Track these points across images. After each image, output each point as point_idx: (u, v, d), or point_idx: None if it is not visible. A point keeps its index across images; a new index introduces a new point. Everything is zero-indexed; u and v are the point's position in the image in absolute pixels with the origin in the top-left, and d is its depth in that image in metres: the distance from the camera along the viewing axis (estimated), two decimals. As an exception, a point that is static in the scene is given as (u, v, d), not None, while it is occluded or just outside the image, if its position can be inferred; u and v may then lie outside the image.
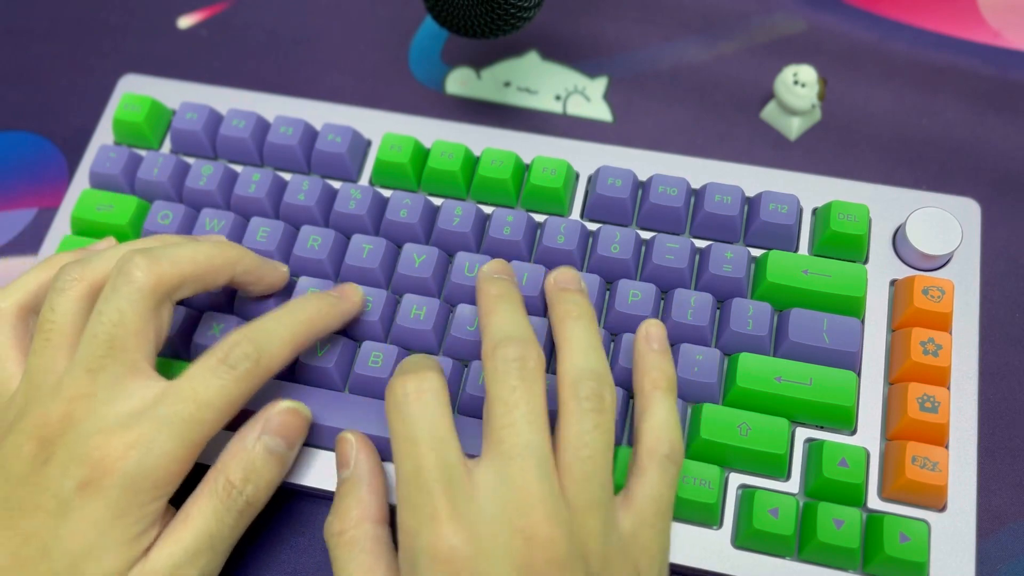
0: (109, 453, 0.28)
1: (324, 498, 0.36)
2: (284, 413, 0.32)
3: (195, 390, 0.29)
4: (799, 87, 0.41)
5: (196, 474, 0.31)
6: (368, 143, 0.40)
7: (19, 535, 0.28)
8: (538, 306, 0.35)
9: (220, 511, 0.30)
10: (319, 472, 0.34)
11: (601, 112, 0.44)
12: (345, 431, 0.33)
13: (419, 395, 0.28)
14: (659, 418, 0.30)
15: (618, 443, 0.33)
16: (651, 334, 0.33)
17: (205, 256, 0.32)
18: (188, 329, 0.36)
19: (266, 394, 0.34)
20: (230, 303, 0.37)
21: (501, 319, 0.31)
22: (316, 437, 0.34)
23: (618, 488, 0.31)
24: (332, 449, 0.34)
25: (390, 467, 0.33)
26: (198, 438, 0.29)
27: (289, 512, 0.36)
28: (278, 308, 0.32)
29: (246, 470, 0.30)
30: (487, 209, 0.39)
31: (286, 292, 0.37)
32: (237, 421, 0.32)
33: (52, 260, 0.34)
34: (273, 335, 0.31)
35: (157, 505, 0.29)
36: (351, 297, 0.35)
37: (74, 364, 0.29)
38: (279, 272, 0.35)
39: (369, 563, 0.29)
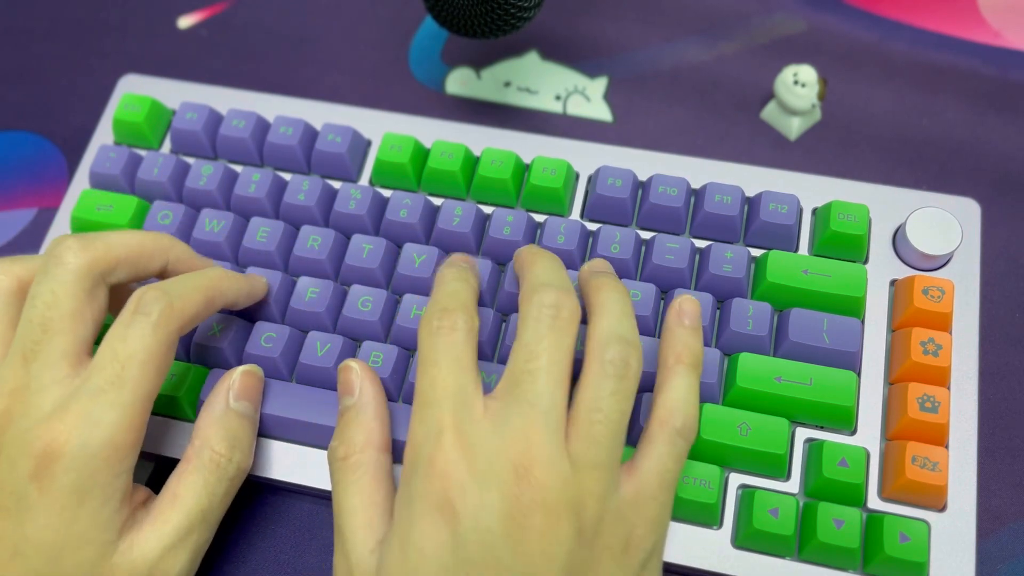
0: (54, 439, 0.27)
1: (323, 497, 0.36)
2: (243, 376, 0.33)
3: (114, 350, 0.28)
4: (799, 87, 0.41)
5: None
6: (368, 143, 0.40)
7: None
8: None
9: (211, 483, 0.30)
10: (319, 471, 0.34)
11: (601, 112, 0.44)
12: (349, 360, 0.33)
13: (452, 331, 0.29)
14: (678, 392, 0.30)
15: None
16: (684, 309, 0.32)
17: (137, 241, 0.31)
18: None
19: (272, 394, 0.34)
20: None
21: (541, 268, 0.31)
22: (316, 437, 0.34)
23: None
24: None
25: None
26: (136, 399, 0.28)
27: (289, 511, 0.36)
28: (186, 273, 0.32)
29: (228, 438, 0.31)
30: (487, 209, 0.39)
31: (286, 292, 0.37)
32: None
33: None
34: (183, 284, 0.31)
35: (120, 482, 0.28)
36: (255, 278, 0.35)
37: (11, 353, 0.29)
38: (208, 264, 0.35)
39: (371, 487, 0.29)
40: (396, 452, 0.33)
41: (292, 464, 0.34)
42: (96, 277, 0.30)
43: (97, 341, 0.33)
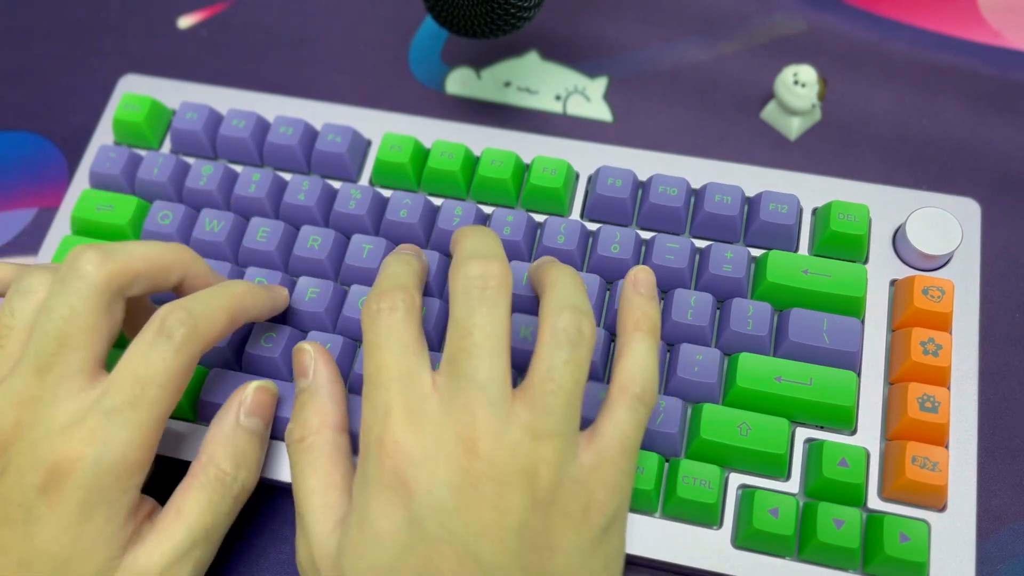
0: (65, 455, 0.27)
1: (324, 498, 0.36)
2: (256, 392, 0.32)
3: (135, 370, 0.28)
4: (799, 87, 0.41)
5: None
6: (368, 143, 0.40)
7: None
8: (533, 305, 0.35)
9: (215, 501, 0.30)
10: (319, 472, 0.34)
11: (601, 112, 0.44)
12: (303, 342, 0.33)
13: (391, 312, 0.29)
14: (637, 359, 0.30)
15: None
16: (639, 279, 0.32)
17: (156, 253, 0.31)
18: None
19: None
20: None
21: (471, 241, 0.31)
22: (316, 437, 0.34)
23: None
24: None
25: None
26: (150, 420, 0.28)
27: (289, 511, 0.36)
28: (209, 288, 0.32)
29: (235, 456, 0.31)
30: (487, 209, 0.39)
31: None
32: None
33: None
34: (207, 303, 0.30)
35: (128, 497, 0.28)
36: (277, 290, 0.35)
37: (23, 363, 0.29)
38: (222, 277, 0.35)
39: (327, 468, 0.29)
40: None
41: (292, 464, 0.34)
42: (115, 291, 0.30)
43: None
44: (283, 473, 0.34)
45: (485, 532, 0.26)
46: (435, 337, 0.35)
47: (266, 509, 0.36)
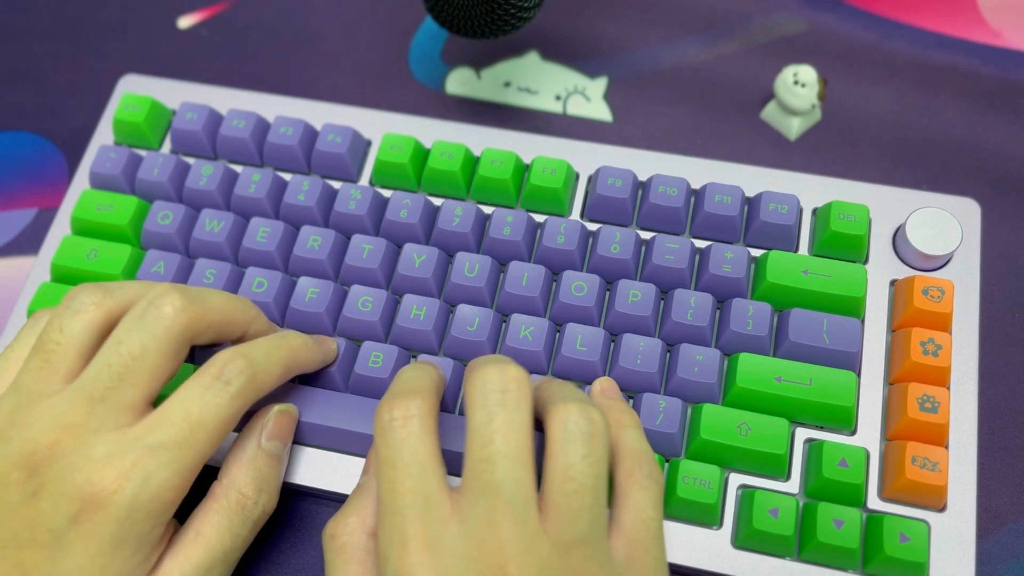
0: (103, 487, 0.27)
1: (323, 497, 0.36)
2: (278, 416, 0.32)
3: (188, 411, 0.28)
4: (799, 87, 0.41)
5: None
6: (368, 143, 0.40)
7: (17, 567, 0.27)
8: (537, 309, 0.35)
9: (236, 524, 0.30)
10: (319, 472, 0.34)
11: (601, 112, 0.44)
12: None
13: (405, 421, 0.27)
14: (632, 445, 0.30)
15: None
16: (604, 388, 0.33)
17: (231, 308, 0.31)
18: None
19: (272, 393, 0.34)
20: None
21: (484, 357, 0.30)
22: (316, 437, 0.34)
23: None
24: (333, 449, 0.34)
25: None
26: (193, 462, 0.28)
27: (289, 511, 0.36)
28: (266, 337, 0.32)
29: (257, 480, 0.30)
30: (487, 209, 0.39)
31: (286, 293, 0.37)
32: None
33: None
34: (267, 354, 0.30)
35: (157, 532, 0.28)
36: (329, 344, 0.35)
37: (76, 389, 0.28)
38: (292, 336, 0.34)
39: (356, 572, 0.28)
40: None
41: (292, 464, 0.34)
42: (187, 338, 0.29)
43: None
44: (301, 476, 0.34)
45: None
46: (434, 337, 0.35)
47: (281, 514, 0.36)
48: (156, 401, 0.30)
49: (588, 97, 0.44)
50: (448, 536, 0.25)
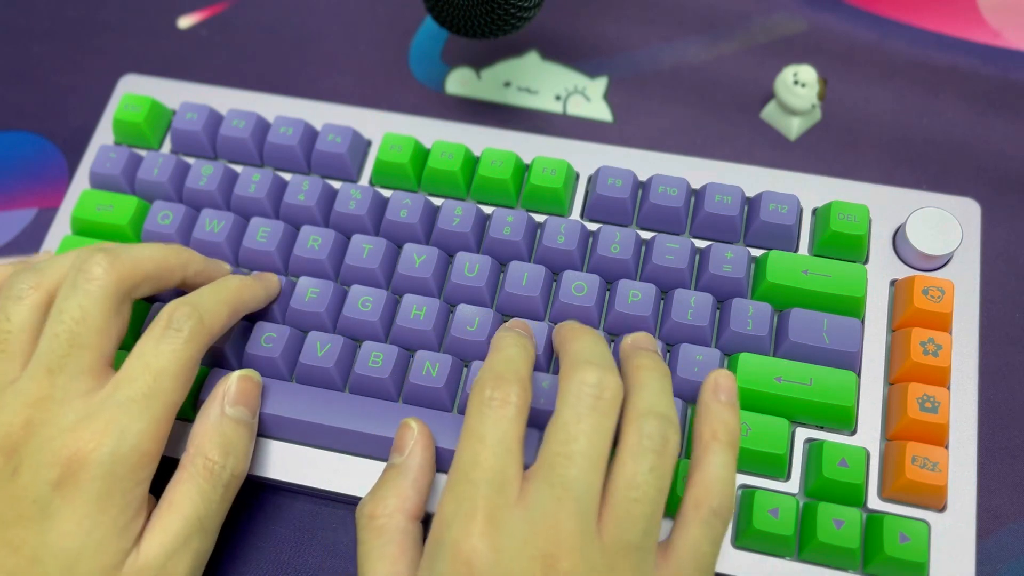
0: (80, 448, 0.28)
1: (324, 498, 0.36)
2: (239, 381, 0.33)
3: (147, 364, 0.29)
4: (799, 87, 0.41)
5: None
6: (368, 143, 0.40)
7: (7, 546, 0.27)
8: (537, 310, 0.35)
9: (206, 490, 0.30)
10: (319, 472, 0.34)
11: (601, 112, 0.44)
12: (411, 418, 0.32)
13: (503, 404, 0.28)
14: (714, 471, 0.28)
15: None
16: (720, 384, 0.31)
17: (162, 255, 0.32)
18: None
19: (276, 393, 0.34)
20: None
21: (584, 344, 0.30)
22: (316, 437, 0.34)
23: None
24: (333, 449, 0.34)
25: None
26: (164, 411, 0.29)
27: (289, 511, 0.36)
28: (208, 284, 0.33)
29: (223, 445, 0.31)
30: (487, 209, 0.39)
31: (286, 292, 0.37)
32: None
33: None
34: (210, 297, 0.32)
35: (139, 490, 0.29)
36: (270, 280, 0.36)
37: (33, 365, 0.29)
38: (223, 269, 0.36)
39: (394, 555, 0.29)
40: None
41: (292, 464, 0.34)
42: (124, 293, 0.30)
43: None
44: (279, 471, 0.34)
45: None
46: (434, 337, 0.35)
47: (266, 509, 0.36)
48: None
49: (588, 97, 0.44)
50: (512, 517, 0.26)
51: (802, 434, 0.34)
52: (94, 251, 0.30)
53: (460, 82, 0.45)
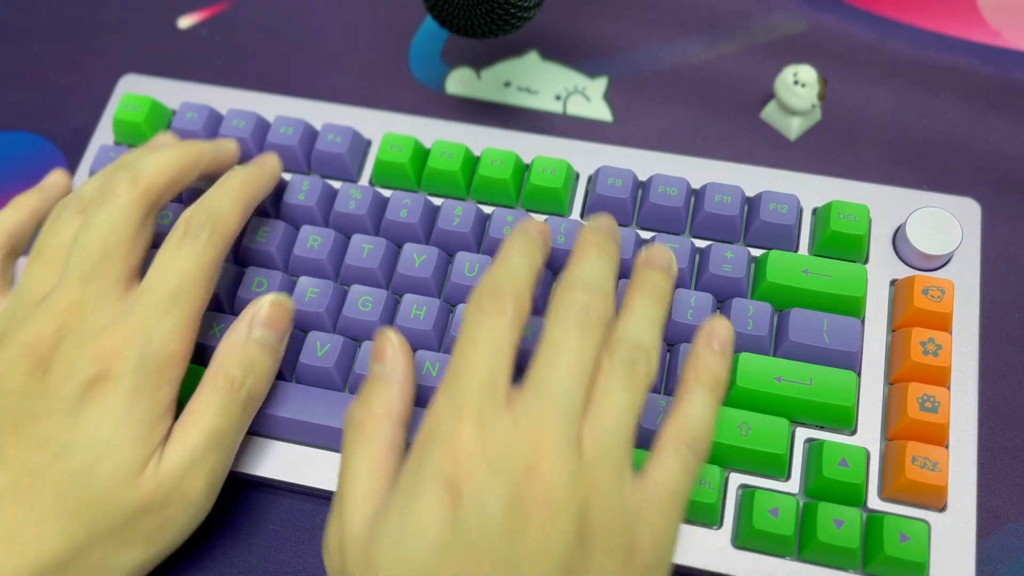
0: (111, 347, 0.29)
1: (325, 498, 0.36)
2: (271, 306, 0.33)
3: (170, 268, 0.31)
4: (799, 87, 0.41)
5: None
6: (368, 143, 0.40)
7: (32, 441, 0.29)
8: (538, 306, 0.35)
9: (226, 405, 0.31)
10: (320, 472, 0.34)
11: (601, 112, 0.44)
12: (388, 329, 0.33)
13: (498, 314, 0.29)
14: (691, 409, 0.30)
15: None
16: (715, 332, 0.32)
17: (177, 161, 0.33)
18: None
19: (276, 392, 0.34)
20: (230, 305, 0.37)
21: (584, 265, 0.31)
22: (316, 437, 0.34)
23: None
24: (333, 449, 0.34)
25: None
26: (189, 312, 0.31)
27: (289, 511, 0.36)
28: (214, 184, 0.34)
29: (244, 363, 0.31)
30: (487, 209, 0.39)
31: (287, 293, 0.37)
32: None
33: (19, 204, 0.37)
34: (221, 201, 0.33)
35: (167, 391, 0.30)
36: (269, 161, 0.37)
37: (65, 275, 0.30)
38: (231, 149, 0.37)
39: (378, 459, 0.29)
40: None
41: (292, 464, 0.34)
42: (148, 207, 0.32)
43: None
44: (279, 471, 0.34)
45: (528, 555, 0.26)
46: (434, 337, 0.35)
47: (266, 510, 0.36)
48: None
49: (588, 97, 0.44)
50: (499, 422, 0.27)
51: (802, 434, 0.34)
52: (116, 169, 0.32)
53: (460, 82, 0.45)
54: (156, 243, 0.36)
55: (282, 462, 0.34)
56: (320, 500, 0.36)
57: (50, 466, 0.28)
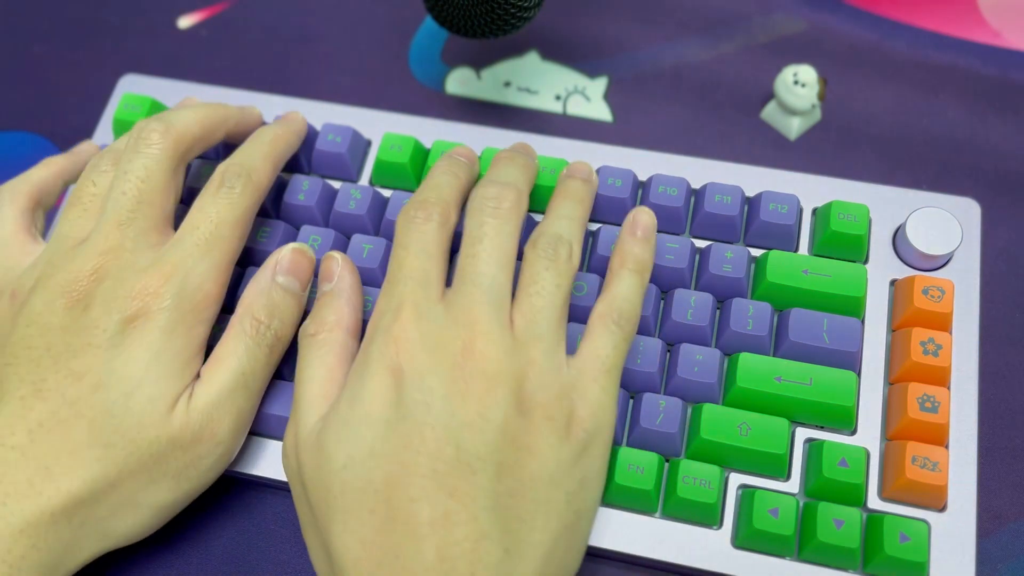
0: (149, 285, 0.30)
1: (324, 498, 0.36)
2: (292, 253, 0.34)
3: (207, 215, 0.32)
4: (799, 87, 0.41)
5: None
6: (368, 143, 0.40)
7: (70, 375, 0.29)
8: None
9: (251, 347, 0.32)
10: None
11: (601, 112, 0.44)
12: (334, 251, 0.35)
13: (425, 221, 0.31)
14: (618, 290, 0.32)
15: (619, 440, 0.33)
16: (638, 220, 0.34)
17: (206, 116, 0.35)
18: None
19: (275, 392, 0.34)
20: (230, 307, 0.37)
21: (495, 171, 0.34)
22: (316, 437, 0.34)
23: None
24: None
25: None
26: (223, 256, 0.32)
27: (289, 511, 0.36)
28: (246, 141, 0.36)
29: (269, 308, 0.33)
30: (487, 209, 0.38)
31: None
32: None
33: (50, 163, 0.37)
34: (253, 155, 0.34)
35: (200, 331, 0.31)
36: (295, 118, 0.38)
37: (103, 220, 0.32)
38: (256, 114, 0.39)
39: (332, 364, 0.31)
40: None
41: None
42: (180, 157, 0.33)
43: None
44: (280, 471, 0.34)
45: (469, 423, 0.28)
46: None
47: (266, 510, 0.36)
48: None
49: (588, 97, 0.44)
50: (434, 310, 0.30)
51: (802, 434, 0.34)
52: (149, 121, 0.33)
53: (460, 82, 0.45)
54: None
55: (276, 460, 0.34)
56: (320, 500, 0.36)
57: (87, 398, 0.29)
